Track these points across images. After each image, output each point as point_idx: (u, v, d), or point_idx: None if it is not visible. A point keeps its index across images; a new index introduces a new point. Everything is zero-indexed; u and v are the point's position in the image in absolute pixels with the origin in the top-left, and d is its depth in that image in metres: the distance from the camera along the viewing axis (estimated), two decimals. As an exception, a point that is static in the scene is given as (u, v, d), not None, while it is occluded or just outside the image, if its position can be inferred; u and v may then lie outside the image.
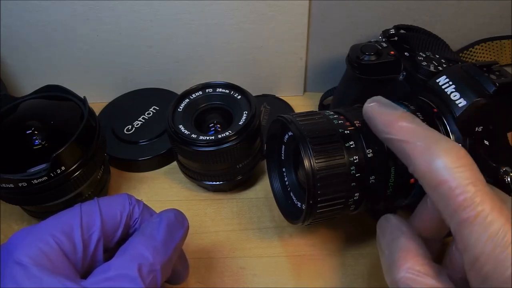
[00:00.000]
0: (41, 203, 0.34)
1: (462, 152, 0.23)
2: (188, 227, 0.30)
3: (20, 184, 0.32)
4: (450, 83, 0.31)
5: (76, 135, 0.33)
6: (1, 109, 0.36)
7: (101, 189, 0.39)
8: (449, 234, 0.27)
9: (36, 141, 0.33)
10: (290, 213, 0.34)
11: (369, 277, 0.35)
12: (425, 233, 0.27)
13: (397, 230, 0.27)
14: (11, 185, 0.32)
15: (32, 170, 0.33)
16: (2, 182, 0.32)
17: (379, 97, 0.28)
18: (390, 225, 0.28)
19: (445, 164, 0.22)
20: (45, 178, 0.32)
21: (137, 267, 0.25)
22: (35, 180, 0.32)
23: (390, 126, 0.25)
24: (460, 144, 0.23)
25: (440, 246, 0.29)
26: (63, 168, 0.33)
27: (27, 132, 0.34)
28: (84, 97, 0.36)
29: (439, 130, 0.31)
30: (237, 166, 0.39)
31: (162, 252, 0.26)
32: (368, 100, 0.28)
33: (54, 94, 0.37)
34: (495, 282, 0.20)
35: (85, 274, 0.26)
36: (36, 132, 0.34)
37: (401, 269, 0.24)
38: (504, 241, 0.20)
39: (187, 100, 0.40)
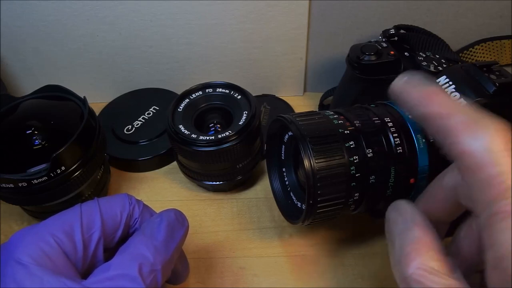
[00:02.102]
0: (41, 203, 0.34)
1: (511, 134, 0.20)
2: (188, 226, 0.30)
3: (20, 184, 0.32)
4: (450, 83, 0.31)
5: (76, 135, 0.33)
6: (1, 109, 0.36)
7: (101, 189, 0.39)
8: (458, 219, 0.26)
9: (36, 141, 0.33)
10: (290, 213, 0.34)
11: (369, 277, 0.35)
12: (435, 215, 0.25)
13: (410, 218, 0.24)
14: (11, 185, 0.32)
15: (32, 170, 0.33)
16: (2, 182, 0.32)
17: (409, 72, 0.25)
18: (403, 212, 0.25)
19: (490, 145, 0.19)
20: (45, 178, 0.32)
21: (138, 267, 0.25)
22: (35, 180, 0.32)
23: (428, 99, 0.22)
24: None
25: (447, 229, 0.27)
26: (63, 168, 0.33)
27: (27, 132, 0.34)
28: (84, 97, 0.36)
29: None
30: (237, 166, 0.39)
31: (163, 252, 0.26)
32: (398, 77, 0.25)
33: (54, 94, 0.37)
34: None
35: (85, 274, 0.26)
36: (36, 132, 0.34)
37: (413, 264, 0.22)
38: None
39: (187, 100, 0.40)
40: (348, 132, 0.30)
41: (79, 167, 0.34)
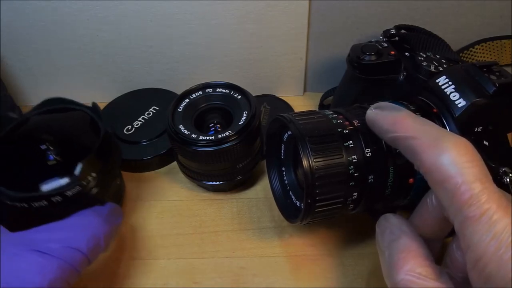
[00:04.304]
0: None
1: (470, 147, 0.22)
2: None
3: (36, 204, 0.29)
4: (450, 83, 0.31)
5: (96, 149, 0.31)
6: (10, 127, 0.33)
7: (119, 198, 0.38)
8: (450, 234, 0.27)
9: (50, 156, 0.33)
10: (289, 212, 0.34)
11: (369, 277, 0.35)
12: (426, 233, 0.27)
13: (397, 229, 0.26)
14: (25, 205, 0.29)
15: (47, 185, 0.32)
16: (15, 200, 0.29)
17: (380, 103, 0.28)
18: (390, 224, 0.27)
19: (452, 159, 0.22)
20: (60, 197, 0.29)
21: None
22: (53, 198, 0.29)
23: (396, 125, 0.25)
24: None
25: (441, 246, 0.29)
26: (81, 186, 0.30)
27: (42, 147, 0.33)
28: (93, 102, 0.34)
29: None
30: (237, 166, 0.39)
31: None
32: (370, 107, 0.28)
33: (58, 107, 0.35)
34: (498, 283, 0.20)
35: None
36: (50, 148, 0.33)
37: (401, 271, 0.24)
38: (508, 241, 0.19)
39: (187, 100, 0.40)
40: (347, 131, 0.30)
41: (97, 183, 0.31)
